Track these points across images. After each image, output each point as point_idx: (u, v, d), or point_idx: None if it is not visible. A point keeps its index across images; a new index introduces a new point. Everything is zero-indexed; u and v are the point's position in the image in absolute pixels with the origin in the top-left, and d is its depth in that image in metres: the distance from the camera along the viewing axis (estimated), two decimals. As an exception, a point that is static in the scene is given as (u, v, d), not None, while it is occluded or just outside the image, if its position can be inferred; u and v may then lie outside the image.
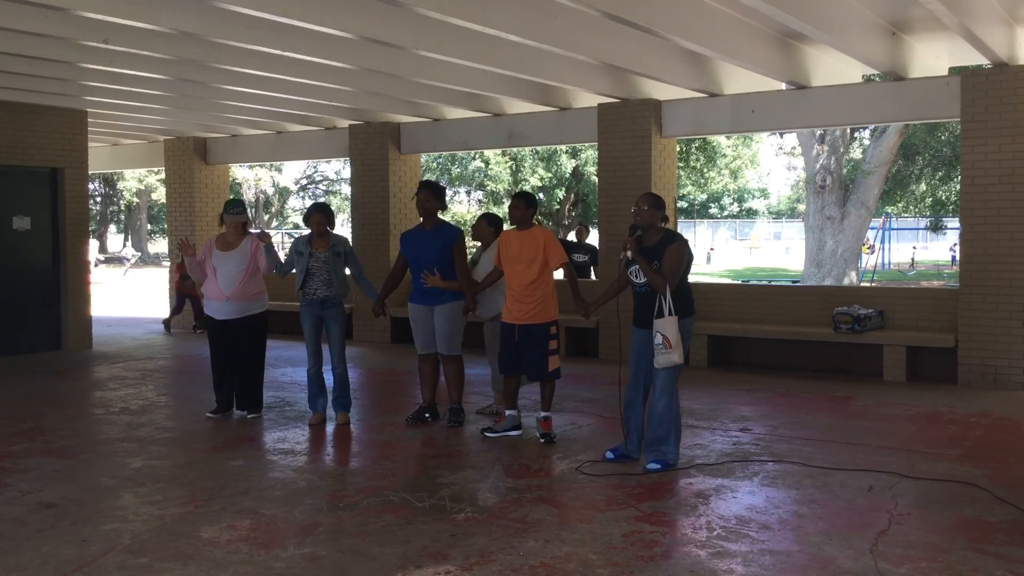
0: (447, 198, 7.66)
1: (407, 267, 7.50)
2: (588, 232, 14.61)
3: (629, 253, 5.98)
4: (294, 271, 7.53)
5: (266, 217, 44.95)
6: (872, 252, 30.34)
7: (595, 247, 13.08)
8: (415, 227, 7.57)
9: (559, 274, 7.04)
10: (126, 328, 14.97)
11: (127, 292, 24.45)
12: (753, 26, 8.62)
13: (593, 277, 12.28)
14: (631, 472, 5.96)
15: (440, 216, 7.48)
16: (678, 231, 6.27)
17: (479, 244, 7.86)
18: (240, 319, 7.61)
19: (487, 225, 7.80)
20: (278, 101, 11.12)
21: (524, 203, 6.96)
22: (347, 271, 7.63)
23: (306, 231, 7.61)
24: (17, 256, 11.72)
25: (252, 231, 7.84)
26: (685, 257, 5.99)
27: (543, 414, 6.89)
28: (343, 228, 18.72)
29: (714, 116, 10.61)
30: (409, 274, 7.54)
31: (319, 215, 7.45)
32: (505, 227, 7.71)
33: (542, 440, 6.79)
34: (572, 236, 16.59)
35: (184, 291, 13.84)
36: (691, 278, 6.22)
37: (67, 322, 12.15)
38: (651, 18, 7.24)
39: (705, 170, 26.47)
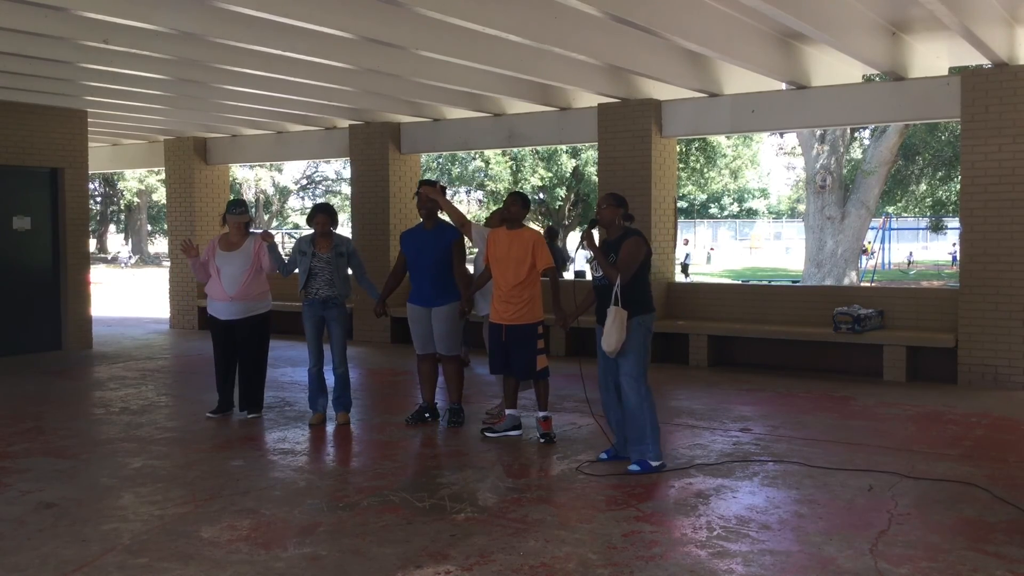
0: (449, 197, 7.60)
1: (407, 267, 7.51)
2: (555, 235, 14.70)
3: (586, 244, 6.13)
4: (296, 271, 7.53)
5: (266, 217, 44.95)
6: (871, 255, 30.26)
7: (561, 249, 13.27)
8: (415, 226, 7.58)
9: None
10: (126, 328, 14.98)
11: (127, 292, 24.45)
12: (753, 26, 8.62)
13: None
14: (627, 472, 5.96)
15: (441, 216, 7.48)
16: (639, 229, 6.27)
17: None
18: (244, 319, 7.61)
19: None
20: (278, 101, 11.12)
21: (522, 202, 6.98)
22: (349, 271, 7.63)
23: (307, 231, 7.61)
24: (17, 256, 11.72)
25: (254, 231, 7.84)
26: (640, 252, 6.03)
27: (542, 414, 6.89)
28: (343, 228, 18.76)
29: (714, 116, 10.61)
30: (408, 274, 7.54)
31: (322, 215, 7.44)
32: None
33: (542, 440, 6.80)
34: None
35: None
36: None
37: (67, 322, 12.15)
38: (651, 18, 7.24)
39: (705, 170, 26.48)
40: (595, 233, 6.25)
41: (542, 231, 14.65)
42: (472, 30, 7.58)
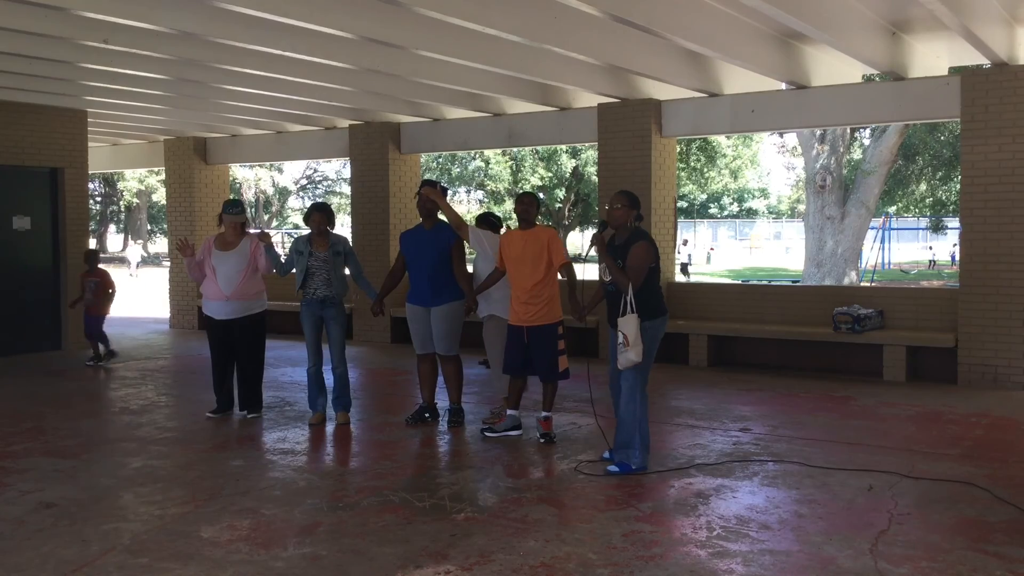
0: (449, 197, 7.60)
1: (406, 267, 7.51)
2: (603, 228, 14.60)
3: (595, 251, 6.03)
4: (294, 271, 7.54)
5: (266, 217, 44.97)
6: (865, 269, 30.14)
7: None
8: (415, 227, 7.58)
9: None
10: (126, 328, 14.97)
11: (128, 292, 24.44)
12: (753, 26, 8.62)
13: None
14: (606, 472, 5.94)
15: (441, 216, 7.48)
16: (648, 231, 6.17)
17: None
18: (240, 319, 7.62)
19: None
20: (278, 101, 11.12)
21: (537, 202, 6.99)
22: (347, 271, 7.64)
23: (306, 230, 7.62)
24: (17, 256, 11.72)
25: (251, 231, 7.84)
26: (649, 256, 5.91)
27: (543, 414, 6.88)
28: (343, 228, 18.79)
29: (714, 116, 10.61)
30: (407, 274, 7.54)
31: (319, 215, 7.45)
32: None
33: (542, 440, 6.79)
34: None
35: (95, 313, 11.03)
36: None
37: (67, 322, 12.15)
38: (651, 18, 7.24)
39: (705, 170, 26.47)
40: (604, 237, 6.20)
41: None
42: (472, 30, 7.58)
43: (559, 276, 6.88)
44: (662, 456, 6.34)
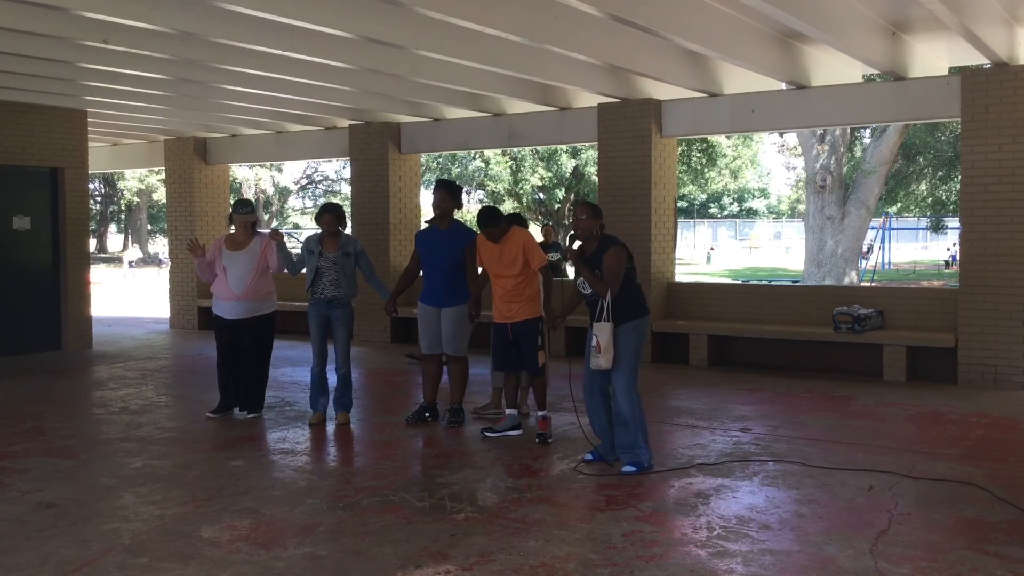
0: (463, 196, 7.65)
1: (420, 266, 7.51)
2: (554, 232, 14.73)
3: (573, 261, 6.11)
4: (304, 271, 7.54)
5: (266, 217, 44.92)
6: (868, 255, 30.14)
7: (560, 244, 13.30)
8: (431, 226, 7.58)
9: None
10: (126, 328, 14.98)
11: (127, 292, 24.44)
12: (753, 26, 8.62)
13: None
14: (622, 473, 5.95)
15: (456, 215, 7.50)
16: (616, 235, 6.24)
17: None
18: (249, 319, 7.62)
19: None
20: (278, 101, 11.12)
21: (485, 218, 6.89)
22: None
23: (306, 230, 7.62)
24: (17, 256, 11.71)
25: (262, 231, 7.85)
26: (623, 260, 5.99)
27: (541, 414, 6.90)
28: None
29: (714, 116, 10.61)
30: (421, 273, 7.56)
31: (329, 216, 7.45)
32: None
33: (537, 440, 6.80)
34: (539, 237, 16.79)
35: None
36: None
37: (67, 322, 12.15)
38: (651, 18, 7.25)
39: (705, 170, 26.43)
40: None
41: (543, 228, 14.67)
42: (472, 30, 7.58)
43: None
44: (662, 456, 6.34)
